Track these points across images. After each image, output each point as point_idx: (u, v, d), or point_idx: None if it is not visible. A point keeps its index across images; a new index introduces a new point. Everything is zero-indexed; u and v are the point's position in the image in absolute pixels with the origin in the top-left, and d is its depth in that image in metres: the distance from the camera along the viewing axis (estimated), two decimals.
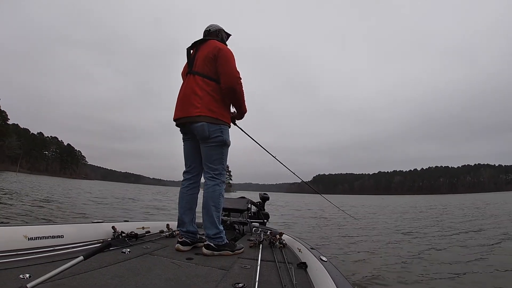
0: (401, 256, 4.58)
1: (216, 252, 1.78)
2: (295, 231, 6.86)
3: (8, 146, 73.79)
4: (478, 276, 3.44)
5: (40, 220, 5.94)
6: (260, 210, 3.38)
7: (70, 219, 6.53)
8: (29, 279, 1.10)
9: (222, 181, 1.98)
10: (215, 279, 1.34)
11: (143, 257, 1.64)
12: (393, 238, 6.39)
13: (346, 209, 15.78)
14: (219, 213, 1.91)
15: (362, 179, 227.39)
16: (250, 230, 2.88)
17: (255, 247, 2.07)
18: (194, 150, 2.05)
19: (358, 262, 4.19)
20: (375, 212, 16.02)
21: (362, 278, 3.40)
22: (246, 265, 1.60)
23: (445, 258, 4.32)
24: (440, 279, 3.39)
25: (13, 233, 1.54)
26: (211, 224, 1.86)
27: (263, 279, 1.35)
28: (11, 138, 75.36)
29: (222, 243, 1.82)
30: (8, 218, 5.70)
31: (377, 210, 17.84)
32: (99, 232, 2.00)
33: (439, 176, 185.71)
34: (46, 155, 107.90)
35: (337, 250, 4.99)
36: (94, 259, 1.19)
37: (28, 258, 1.37)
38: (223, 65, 1.90)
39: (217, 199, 1.92)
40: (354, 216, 10.84)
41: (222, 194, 1.97)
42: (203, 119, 1.87)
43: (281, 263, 1.64)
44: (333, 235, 6.76)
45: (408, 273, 3.62)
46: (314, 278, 1.38)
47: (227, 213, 3.08)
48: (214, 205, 1.89)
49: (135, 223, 2.37)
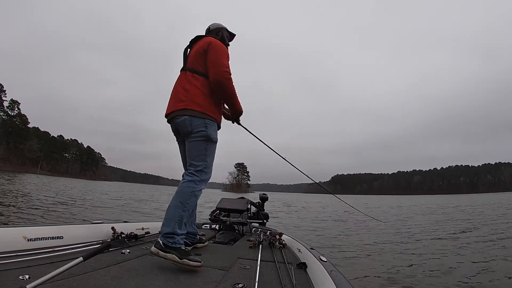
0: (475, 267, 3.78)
1: (161, 252, 1.52)
2: (324, 239, 6.17)
3: (29, 148, 75.68)
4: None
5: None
6: (259, 210, 3.37)
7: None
8: (28, 280, 1.10)
9: (202, 180, 1.77)
10: (215, 279, 1.34)
11: (143, 258, 1.64)
12: (445, 245, 5.45)
13: (370, 210, 15.06)
14: (184, 212, 1.67)
15: (381, 179, 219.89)
16: (250, 230, 2.88)
17: (254, 248, 2.07)
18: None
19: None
20: (400, 213, 14.47)
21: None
22: (245, 266, 1.60)
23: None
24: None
25: (13, 234, 1.55)
26: (168, 221, 1.63)
27: (262, 280, 1.35)
28: (32, 141, 77.31)
29: (172, 245, 1.55)
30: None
31: (402, 211, 16.06)
32: (99, 233, 2.00)
33: (459, 175, 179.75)
34: (66, 157, 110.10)
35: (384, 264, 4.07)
36: (94, 260, 1.20)
37: (27, 259, 1.38)
38: (211, 58, 1.84)
39: (187, 197, 1.71)
40: (380, 218, 9.67)
41: (195, 194, 1.74)
42: (187, 113, 1.80)
43: (281, 263, 1.64)
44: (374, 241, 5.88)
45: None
46: (314, 278, 1.38)
47: (227, 213, 3.07)
48: (181, 201, 1.69)
49: (135, 224, 2.38)
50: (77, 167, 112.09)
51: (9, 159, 68.51)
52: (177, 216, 1.64)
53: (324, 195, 76.11)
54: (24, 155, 75.01)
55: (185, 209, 1.68)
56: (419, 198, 56.09)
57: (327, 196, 56.53)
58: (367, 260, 4.38)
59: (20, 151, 73.75)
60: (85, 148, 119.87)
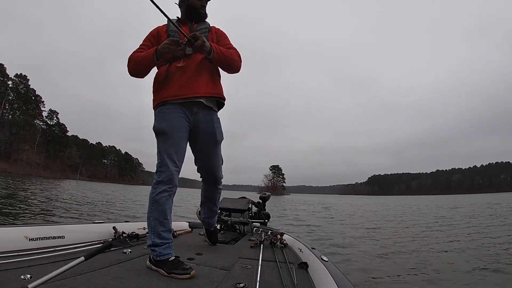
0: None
1: (153, 267, 1.43)
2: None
3: (68, 156, 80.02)
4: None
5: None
6: (260, 210, 3.37)
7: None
8: (30, 279, 1.10)
9: (158, 182, 1.51)
10: (216, 279, 1.34)
11: (144, 258, 1.63)
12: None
13: (426, 213, 13.03)
14: (151, 222, 1.49)
15: (420, 179, 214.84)
16: (251, 230, 2.88)
17: (256, 247, 2.06)
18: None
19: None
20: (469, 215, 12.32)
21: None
22: (247, 265, 1.60)
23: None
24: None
25: (14, 234, 1.55)
26: (149, 233, 1.51)
27: (264, 279, 1.35)
28: (71, 149, 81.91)
29: (158, 259, 1.42)
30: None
31: (467, 212, 13.78)
32: (100, 233, 2.00)
33: (499, 173, 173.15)
34: (105, 163, 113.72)
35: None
36: (95, 259, 1.19)
37: (29, 259, 1.37)
38: None
39: (149, 204, 1.52)
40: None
41: (154, 199, 1.49)
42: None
43: (282, 263, 1.64)
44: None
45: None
46: (315, 278, 1.38)
47: (228, 213, 3.08)
48: (148, 211, 1.53)
49: (136, 223, 2.37)
50: (116, 173, 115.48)
51: (49, 166, 72.52)
52: (149, 226, 1.51)
53: (361, 197, 72.97)
54: (64, 162, 79.42)
55: (150, 217, 1.50)
56: (464, 197, 52.83)
57: (365, 198, 52.98)
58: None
59: (60, 159, 78.10)
60: (123, 154, 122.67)
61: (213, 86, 1.68)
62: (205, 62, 1.63)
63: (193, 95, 1.58)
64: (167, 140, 1.55)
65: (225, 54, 1.61)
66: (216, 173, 1.84)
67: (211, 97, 1.68)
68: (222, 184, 1.93)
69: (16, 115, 67.01)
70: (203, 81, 1.62)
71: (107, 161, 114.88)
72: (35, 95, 71.98)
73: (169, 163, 1.52)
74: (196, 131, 1.66)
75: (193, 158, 1.81)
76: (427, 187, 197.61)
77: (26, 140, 63.40)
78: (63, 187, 22.47)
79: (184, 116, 1.60)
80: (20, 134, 63.91)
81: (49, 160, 73.26)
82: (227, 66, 1.68)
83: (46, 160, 71.69)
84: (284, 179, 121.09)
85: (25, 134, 64.38)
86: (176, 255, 1.48)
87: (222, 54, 1.59)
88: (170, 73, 1.59)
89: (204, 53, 1.54)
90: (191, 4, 1.72)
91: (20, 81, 67.57)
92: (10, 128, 63.39)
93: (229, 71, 1.73)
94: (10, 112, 67.01)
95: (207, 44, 1.50)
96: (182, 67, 1.59)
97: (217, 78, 1.74)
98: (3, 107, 62.62)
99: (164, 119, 1.57)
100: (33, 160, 64.24)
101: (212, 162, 1.79)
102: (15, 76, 66.52)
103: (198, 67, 1.62)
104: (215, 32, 1.79)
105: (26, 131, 64.98)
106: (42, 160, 69.18)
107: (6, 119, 64.25)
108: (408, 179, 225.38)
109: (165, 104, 1.58)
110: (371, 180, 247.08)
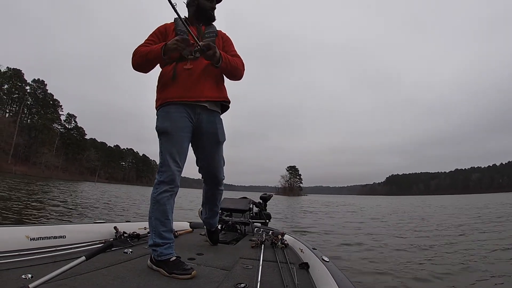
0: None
1: (154, 266, 1.45)
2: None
3: (87, 158, 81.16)
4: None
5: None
6: (261, 210, 3.37)
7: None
8: (31, 279, 1.11)
9: (159, 182, 1.52)
10: (217, 279, 1.34)
11: (145, 257, 1.63)
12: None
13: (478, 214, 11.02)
14: (153, 221, 1.51)
15: (438, 178, 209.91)
16: (252, 230, 2.87)
17: (257, 247, 2.06)
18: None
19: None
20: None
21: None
22: (248, 266, 1.59)
23: None
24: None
25: (15, 234, 1.56)
26: (150, 233, 1.53)
27: (265, 280, 1.35)
28: (89, 152, 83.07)
29: (159, 259, 1.44)
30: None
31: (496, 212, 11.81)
32: (101, 233, 2.00)
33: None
34: (123, 165, 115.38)
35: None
36: (96, 259, 1.20)
37: (30, 259, 1.38)
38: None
39: (151, 205, 1.53)
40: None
41: (156, 199, 1.50)
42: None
43: (283, 264, 1.63)
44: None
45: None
46: (316, 279, 1.37)
47: (229, 213, 3.08)
48: (149, 211, 1.55)
49: (137, 223, 2.37)
50: (134, 174, 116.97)
51: (68, 169, 73.90)
52: (150, 226, 1.53)
53: (378, 197, 69.75)
54: (82, 164, 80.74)
55: (152, 217, 1.52)
56: (487, 196, 50.34)
57: (386, 198, 50.15)
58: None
59: (79, 161, 79.44)
60: (141, 156, 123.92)
61: (218, 90, 1.70)
62: (211, 66, 1.64)
63: (197, 98, 1.60)
64: (170, 140, 1.56)
65: (232, 64, 1.64)
66: (218, 174, 1.83)
67: (216, 101, 1.70)
68: (223, 185, 1.93)
69: (35, 119, 68.13)
70: (208, 85, 1.63)
71: (125, 163, 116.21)
72: (53, 99, 73.18)
73: (171, 163, 1.52)
74: (198, 131, 1.66)
75: (195, 159, 1.81)
76: (445, 187, 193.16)
77: (44, 144, 64.42)
78: (86, 190, 22.02)
79: (187, 116, 1.60)
80: (38, 138, 65.06)
81: (67, 163, 74.58)
82: (232, 75, 1.71)
83: (64, 163, 72.94)
84: (301, 179, 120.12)
85: (43, 138, 65.48)
86: (177, 255, 1.48)
87: (229, 64, 1.62)
88: (177, 74, 1.59)
89: (213, 62, 1.55)
90: (201, 5, 1.72)
91: (38, 86, 68.63)
92: (29, 132, 64.49)
93: (233, 79, 1.75)
94: (28, 117, 68.22)
95: (218, 54, 1.52)
96: (189, 70, 1.59)
97: (222, 82, 1.76)
98: (22, 112, 63.80)
99: (167, 119, 1.57)
100: (52, 163, 65.36)
101: (214, 163, 1.79)
102: (33, 81, 67.70)
103: (204, 71, 1.62)
104: (221, 37, 1.79)
105: (45, 135, 66.13)
106: (61, 163, 70.41)
107: (25, 123, 65.45)
108: (426, 178, 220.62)
109: (168, 104, 1.59)
110: (389, 180, 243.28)
